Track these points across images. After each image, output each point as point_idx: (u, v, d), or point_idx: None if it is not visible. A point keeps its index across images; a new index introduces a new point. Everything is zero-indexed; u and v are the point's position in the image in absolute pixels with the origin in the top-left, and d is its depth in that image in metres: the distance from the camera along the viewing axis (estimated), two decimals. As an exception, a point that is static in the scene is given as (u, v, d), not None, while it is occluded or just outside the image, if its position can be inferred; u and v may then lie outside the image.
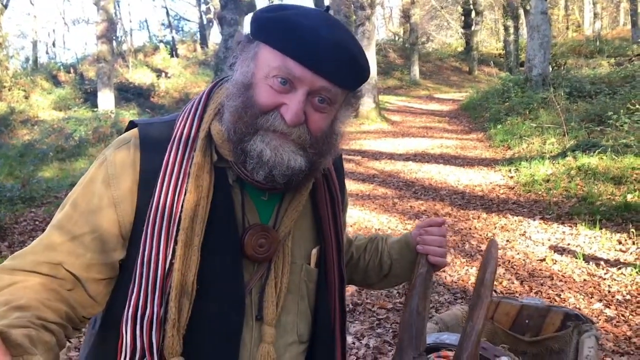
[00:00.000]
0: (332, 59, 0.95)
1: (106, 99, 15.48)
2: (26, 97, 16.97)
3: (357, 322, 3.83)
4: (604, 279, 4.39)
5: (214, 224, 1.01)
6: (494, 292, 3.73)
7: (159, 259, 0.97)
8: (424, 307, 1.20)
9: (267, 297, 1.05)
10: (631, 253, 4.82)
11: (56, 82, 19.46)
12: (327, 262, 1.16)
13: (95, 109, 15.15)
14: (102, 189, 1.00)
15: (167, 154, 1.01)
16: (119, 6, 30.77)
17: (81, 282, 0.97)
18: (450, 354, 1.47)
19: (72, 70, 21.20)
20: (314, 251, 1.15)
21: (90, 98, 17.14)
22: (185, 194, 0.99)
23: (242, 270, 1.04)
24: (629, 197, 5.97)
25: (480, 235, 5.67)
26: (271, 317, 1.05)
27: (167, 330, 0.96)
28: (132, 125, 1.09)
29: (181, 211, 0.98)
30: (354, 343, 3.52)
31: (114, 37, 20.88)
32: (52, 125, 13.46)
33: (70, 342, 3.20)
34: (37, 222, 6.41)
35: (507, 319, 1.97)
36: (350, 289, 4.40)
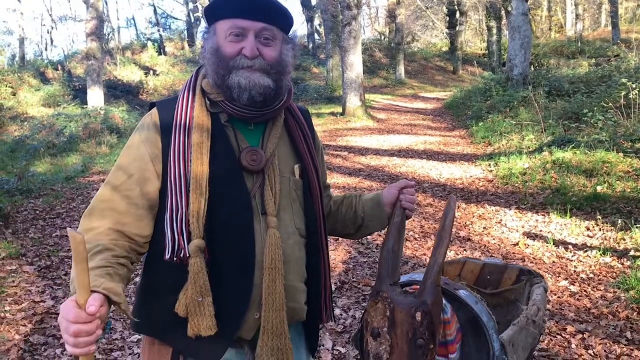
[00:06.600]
0: (260, 8, 1.39)
1: (96, 96, 15.63)
2: (14, 94, 17.03)
3: (344, 297, 4.16)
4: (571, 261, 4.76)
5: (216, 150, 1.41)
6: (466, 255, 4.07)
7: (181, 174, 1.37)
8: (398, 247, 1.53)
9: (267, 198, 1.43)
10: (597, 238, 5.21)
11: (44, 79, 19.50)
12: (309, 175, 1.54)
13: (85, 106, 15.26)
14: (138, 141, 1.44)
15: (175, 110, 1.45)
16: (107, 4, 30.81)
17: (136, 207, 1.37)
18: (420, 287, 1.79)
19: (59, 68, 21.23)
20: (296, 166, 1.53)
21: (79, 95, 17.25)
22: (192, 132, 1.41)
23: (244, 178, 1.42)
24: (599, 188, 6.38)
25: (459, 223, 6.02)
26: (272, 209, 1.43)
27: (191, 218, 1.34)
28: (152, 105, 1.51)
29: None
30: (341, 314, 3.85)
31: (102, 35, 20.97)
32: (42, 121, 13.50)
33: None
34: (37, 212, 6.67)
35: (472, 276, 2.31)
36: (338, 268, 4.73)
